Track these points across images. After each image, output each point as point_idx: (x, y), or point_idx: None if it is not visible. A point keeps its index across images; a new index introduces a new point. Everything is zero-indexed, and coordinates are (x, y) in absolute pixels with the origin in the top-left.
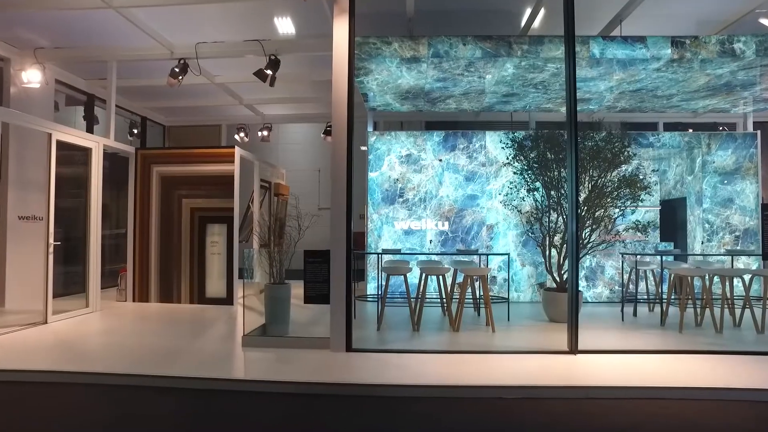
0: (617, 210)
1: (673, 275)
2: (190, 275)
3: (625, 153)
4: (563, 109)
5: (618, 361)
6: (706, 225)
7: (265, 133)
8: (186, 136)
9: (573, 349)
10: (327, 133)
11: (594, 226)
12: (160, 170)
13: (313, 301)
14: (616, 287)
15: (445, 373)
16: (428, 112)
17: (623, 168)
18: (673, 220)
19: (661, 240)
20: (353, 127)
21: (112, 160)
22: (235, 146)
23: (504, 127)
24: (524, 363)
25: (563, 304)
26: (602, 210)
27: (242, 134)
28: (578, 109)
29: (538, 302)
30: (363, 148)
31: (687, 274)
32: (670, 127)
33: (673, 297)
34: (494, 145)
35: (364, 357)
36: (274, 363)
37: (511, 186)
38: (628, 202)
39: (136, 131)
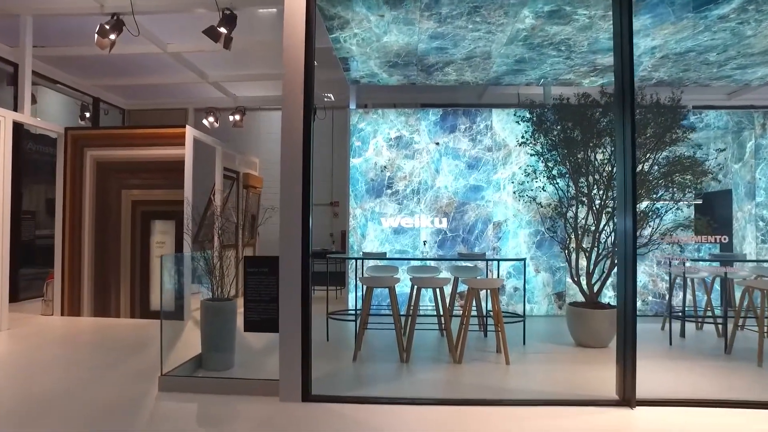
0: (670, 202)
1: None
2: (131, 283)
3: (683, 127)
4: (587, 82)
5: (702, 421)
6: (760, 223)
7: (237, 117)
8: (148, 121)
9: (628, 398)
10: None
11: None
12: (95, 155)
13: (256, 328)
14: (650, 298)
15: None
16: (423, 87)
17: (676, 147)
18: (713, 216)
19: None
20: (313, 85)
21: None
22: (186, 125)
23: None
24: (557, 424)
25: (596, 323)
26: (651, 202)
27: (211, 119)
28: (601, 82)
29: (556, 317)
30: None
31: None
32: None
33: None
34: (502, 125)
35: (325, 413)
36: (190, 426)
37: (525, 173)
38: (686, 192)
39: (88, 114)
